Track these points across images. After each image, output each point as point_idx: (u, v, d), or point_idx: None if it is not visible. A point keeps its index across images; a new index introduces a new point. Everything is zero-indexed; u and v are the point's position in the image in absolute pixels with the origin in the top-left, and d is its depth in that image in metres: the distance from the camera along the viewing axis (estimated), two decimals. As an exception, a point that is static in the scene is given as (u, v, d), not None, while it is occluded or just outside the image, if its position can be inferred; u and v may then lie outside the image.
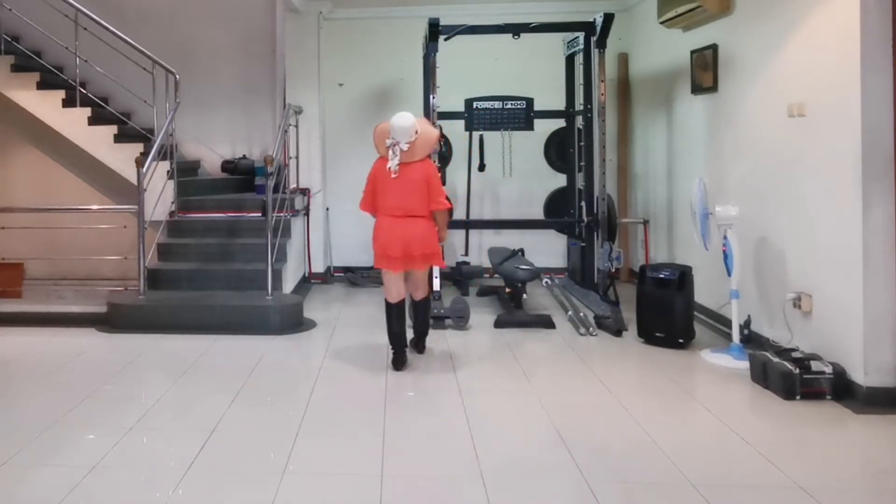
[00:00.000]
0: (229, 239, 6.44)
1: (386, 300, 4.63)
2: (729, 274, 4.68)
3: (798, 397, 3.90)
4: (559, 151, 6.96)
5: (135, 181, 5.86)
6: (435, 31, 5.91)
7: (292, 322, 5.59)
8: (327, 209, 7.64)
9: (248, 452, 3.35)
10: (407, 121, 4.48)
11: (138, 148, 6.65)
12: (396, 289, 4.59)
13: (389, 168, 4.47)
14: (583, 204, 6.33)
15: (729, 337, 4.81)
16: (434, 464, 3.25)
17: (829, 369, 3.90)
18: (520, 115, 6.32)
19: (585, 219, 6.23)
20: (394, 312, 4.58)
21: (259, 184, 7.02)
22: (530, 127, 6.39)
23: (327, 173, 7.68)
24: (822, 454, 3.30)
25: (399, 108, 4.12)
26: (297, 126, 7.22)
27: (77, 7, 6.55)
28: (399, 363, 4.52)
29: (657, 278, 5.03)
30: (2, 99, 6.77)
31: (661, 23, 6.04)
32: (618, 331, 5.24)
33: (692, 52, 5.78)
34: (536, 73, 7.25)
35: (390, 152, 4.49)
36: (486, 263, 6.90)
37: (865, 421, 3.64)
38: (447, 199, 4.61)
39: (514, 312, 5.69)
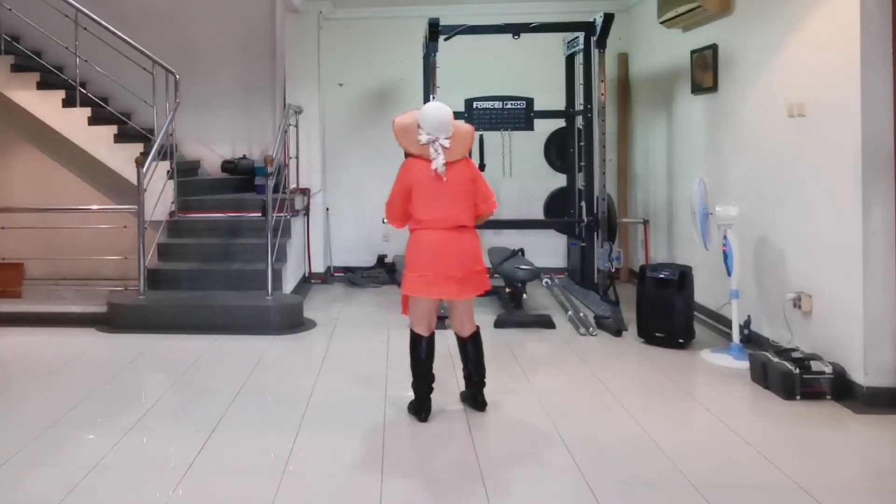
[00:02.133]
0: (229, 239, 6.44)
1: (414, 332, 3.77)
2: (729, 274, 4.68)
3: (798, 397, 3.89)
4: (559, 151, 6.95)
5: (135, 181, 5.86)
6: (435, 31, 5.90)
7: (292, 322, 5.59)
8: (327, 209, 7.64)
9: (248, 452, 3.34)
10: (446, 112, 3.72)
11: (138, 148, 6.65)
12: (430, 318, 3.76)
13: (435, 170, 3.64)
14: (583, 204, 6.33)
15: (729, 337, 4.81)
16: (434, 463, 3.25)
17: (829, 369, 3.90)
18: (520, 115, 6.31)
19: (585, 219, 6.22)
20: (424, 347, 3.75)
21: (259, 184, 7.02)
22: (530, 127, 6.39)
23: (327, 173, 7.68)
24: (822, 454, 3.30)
25: (399, 108, 4.03)
26: (297, 126, 7.22)
27: (77, 7, 6.56)
28: (424, 410, 3.72)
29: (657, 278, 5.03)
30: (2, 99, 6.77)
31: (661, 23, 6.04)
32: (618, 331, 5.24)
33: (692, 52, 5.78)
34: (536, 73, 7.25)
35: (431, 150, 3.66)
36: (486, 263, 6.89)
37: (865, 421, 3.64)
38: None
39: (514, 312, 5.69)
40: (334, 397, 4.06)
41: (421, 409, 3.72)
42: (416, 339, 3.77)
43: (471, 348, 3.83)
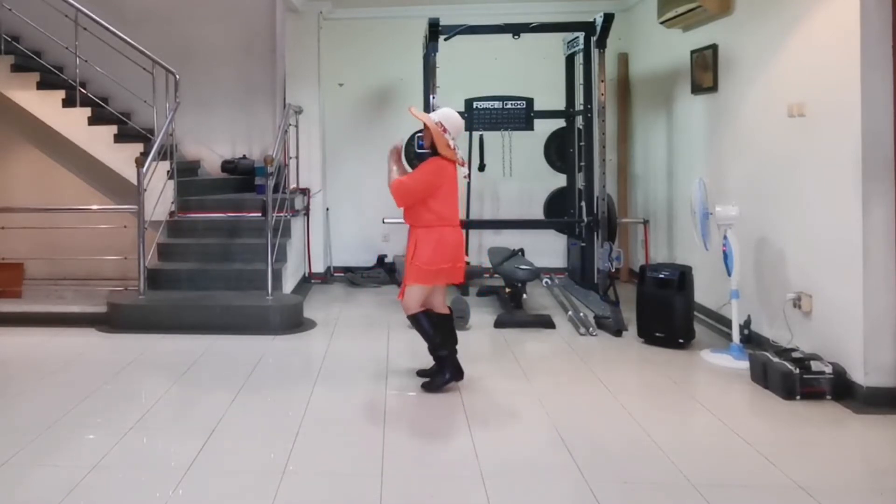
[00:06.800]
0: (229, 239, 6.44)
1: (416, 312, 4.12)
2: (729, 274, 4.68)
3: (798, 397, 3.89)
4: (559, 151, 6.96)
5: (135, 181, 5.86)
6: (435, 31, 5.91)
7: (292, 322, 5.59)
8: (327, 209, 7.64)
9: (248, 452, 3.34)
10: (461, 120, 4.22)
11: (138, 148, 6.65)
12: (425, 299, 4.19)
13: (463, 177, 4.24)
14: (583, 204, 6.33)
15: (729, 337, 4.81)
16: (434, 463, 3.25)
17: (829, 369, 3.90)
18: (520, 115, 6.31)
19: (585, 219, 6.22)
20: (430, 317, 4.17)
21: (259, 184, 7.01)
22: (530, 127, 6.39)
23: (327, 173, 7.68)
24: (822, 454, 3.30)
25: (399, 108, 4.05)
26: (297, 126, 7.22)
27: (77, 7, 6.55)
28: (453, 367, 4.15)
29: (657, 278, 5.03)
30: (2, 99, 6.77)
31: (661, 23, 6.04)
32: (618, 331, 5.24)
33: (692, 52, 5.78)
34: (536, 73, 7.25)
35: (458, 156, 4.11)
36: (486, 263, 6.90)
37: (865, 421, 3.64)
38: None
39: (514, 312, 5.69)
40: (334, 397, 4.06)
41: (452, 370, 4.12)
42: (421, 316, 4.13)
43: (450, 323, 4.27)
